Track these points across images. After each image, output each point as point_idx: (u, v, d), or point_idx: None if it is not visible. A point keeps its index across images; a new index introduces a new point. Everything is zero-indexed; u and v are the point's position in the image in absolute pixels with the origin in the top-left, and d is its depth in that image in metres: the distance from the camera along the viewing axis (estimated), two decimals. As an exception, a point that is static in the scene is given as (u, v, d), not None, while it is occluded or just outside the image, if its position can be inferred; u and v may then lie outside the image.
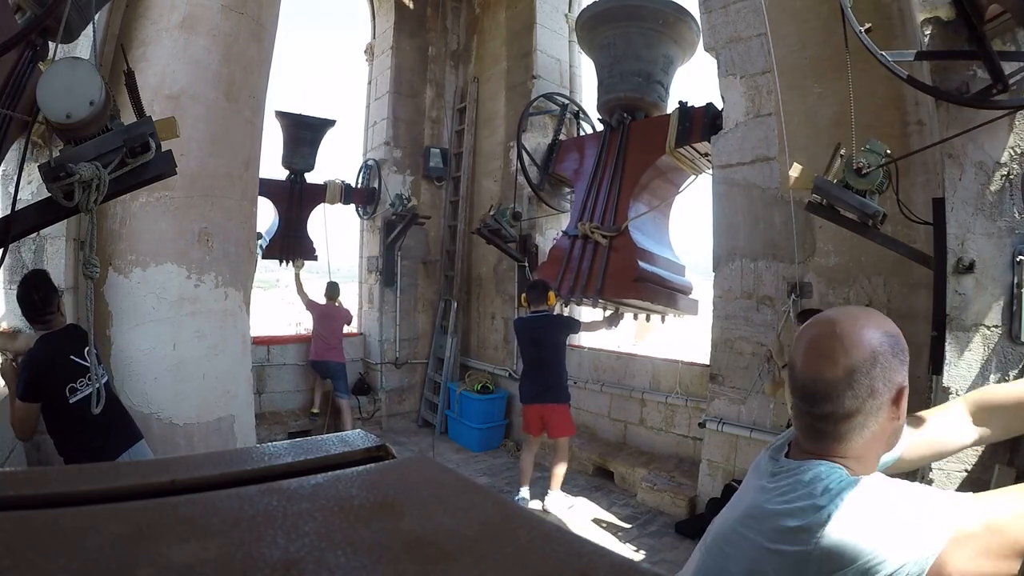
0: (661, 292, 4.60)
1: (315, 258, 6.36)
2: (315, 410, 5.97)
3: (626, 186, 4.88)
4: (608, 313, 4.84)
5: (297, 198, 6.22)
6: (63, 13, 1.54)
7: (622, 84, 4.95)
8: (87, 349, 2.21)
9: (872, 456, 0.83)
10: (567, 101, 6.04)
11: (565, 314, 4.86)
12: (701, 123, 4.41)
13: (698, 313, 4.89)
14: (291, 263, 6.17)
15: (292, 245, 6.20)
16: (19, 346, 2.56)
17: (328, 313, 5.81)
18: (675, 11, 4.73)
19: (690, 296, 4.90)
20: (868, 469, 0.82)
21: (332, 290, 5.95)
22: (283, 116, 6.16)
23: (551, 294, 4.14)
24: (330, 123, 6.28)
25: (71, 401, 2.38)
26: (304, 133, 6.19)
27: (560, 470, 4.18)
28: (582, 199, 5.16)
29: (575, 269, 4.84)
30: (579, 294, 4.72)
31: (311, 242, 6.40)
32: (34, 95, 1.43)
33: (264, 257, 6.08)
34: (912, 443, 1.01)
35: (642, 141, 4.88)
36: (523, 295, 4.26)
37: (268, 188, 5.83)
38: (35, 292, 2.50)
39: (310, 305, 5.85)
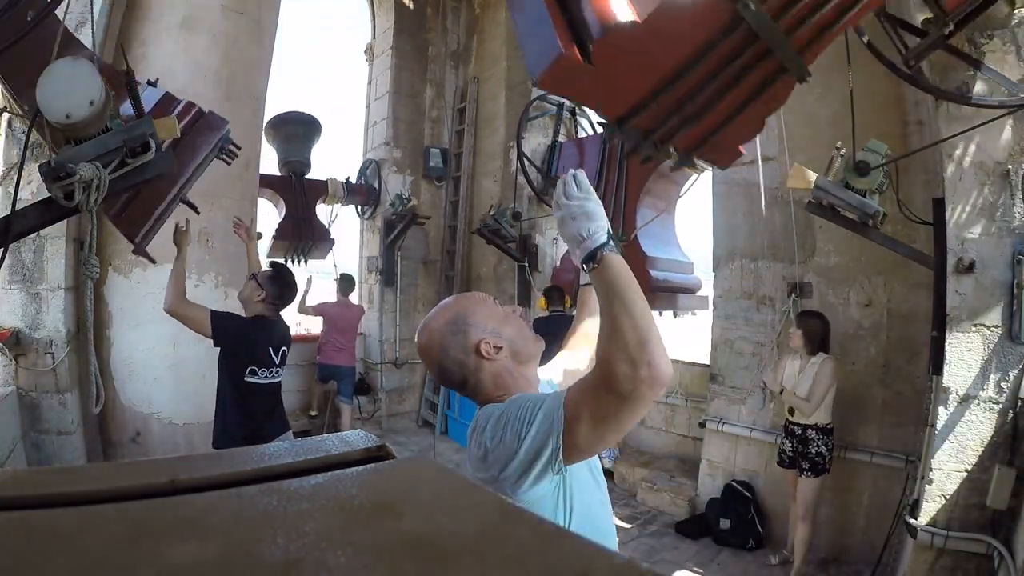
0: (675, 298, 4.65)
1: (332, 241, 6.07)
2: (313, 412, 5.92)
3: (631, 193, 4.87)
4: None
5: (300, 191, 6.01)
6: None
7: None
8: (282, 348, 2.74)
9: (509, 385, 1.08)
10: (563, 100, 6.03)
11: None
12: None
13: (708, 308, 4.92)
14: (296, 260, 5.84)
15: (303, 230, 5.87)
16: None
17: (342, 313, 5.49)
18: None
19: (700, 293, 4.94)
20: (512, 392, 1.06)
21: (346, 285, 5.63)
22: (271, 125, 5.77)
23: (567, 297, 4.36)
24: (318, 125, 6.05)
25: (246, 379, 2.63)
26: (295, 129, 6.01)
27: None
28: None
29: None
30: None
31: (323, 225, 6.10)
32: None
33: (276, 239, 5.74)
34: (566, 362, 1.37)
35: (643, 144, 4.87)
36: (542, 298, 4.66)
37: (269, 181, 5.65)
38: (292, 288, 2.83)
39: (319, 310, 5.52)
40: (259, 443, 2.58)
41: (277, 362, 2.73)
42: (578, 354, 1.39)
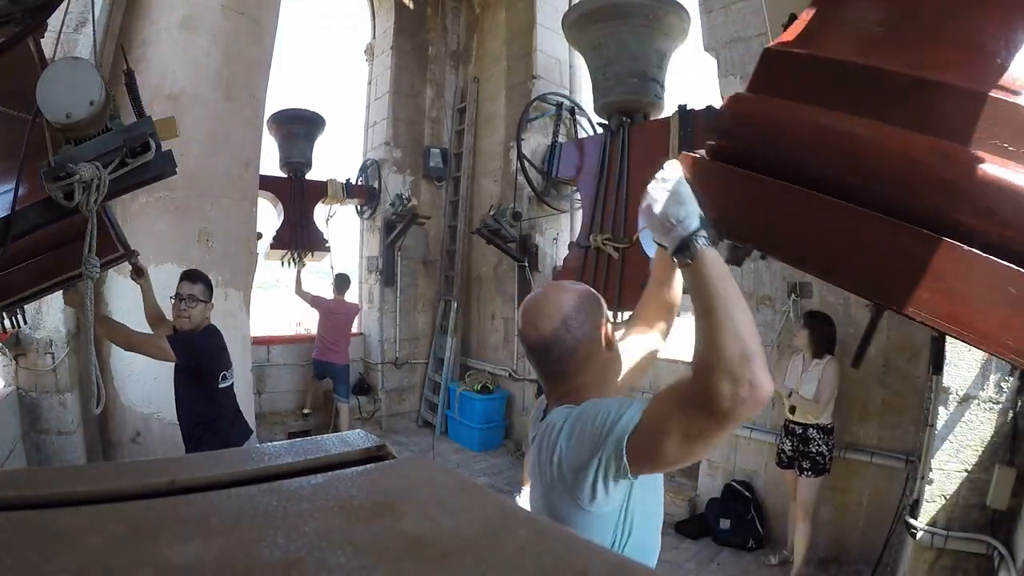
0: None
1: (327, 249, 6.18)
2: (307, 410, 5.93)
3: (633, 194, 4.87)
4: (628, 316, 4.91)
5: (299, 194, 6.12)
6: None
7: (618, 87, 4.92)
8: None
9: (608, 380, 1.06)
10: (562, 100, 6.04)
11: None
12: (703, 128, 4.41)
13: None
14: (293, 263, 6.01)
15: (300, 237, 6.01)
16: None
17: (334, 310, 5.59)
18: (662, 4, 4.67)
19: None
20: (603, 391, 1.04)
21: (341, 284, 5.70)
22: (274, 120, 5.94)
23: None
24: (322, 121, 6.17)
25: (219, 386, 2.68)
26: (298, 128, 6.10)
27: None
28: (590, 209, 5.15)
29: (591, 281, 4.87)
30: None
31: (320, 233, 6.23)
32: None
33: (274, 247, 5.88)
34: (638, 346, 1.31)
35: (644, 147, 4.87)
36: None
37: (269, 183, 5.71)
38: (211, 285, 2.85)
39: (315, 301, 5.64)
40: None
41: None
42: (648, 336, 1.33)
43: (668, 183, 0.91)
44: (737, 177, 0.98)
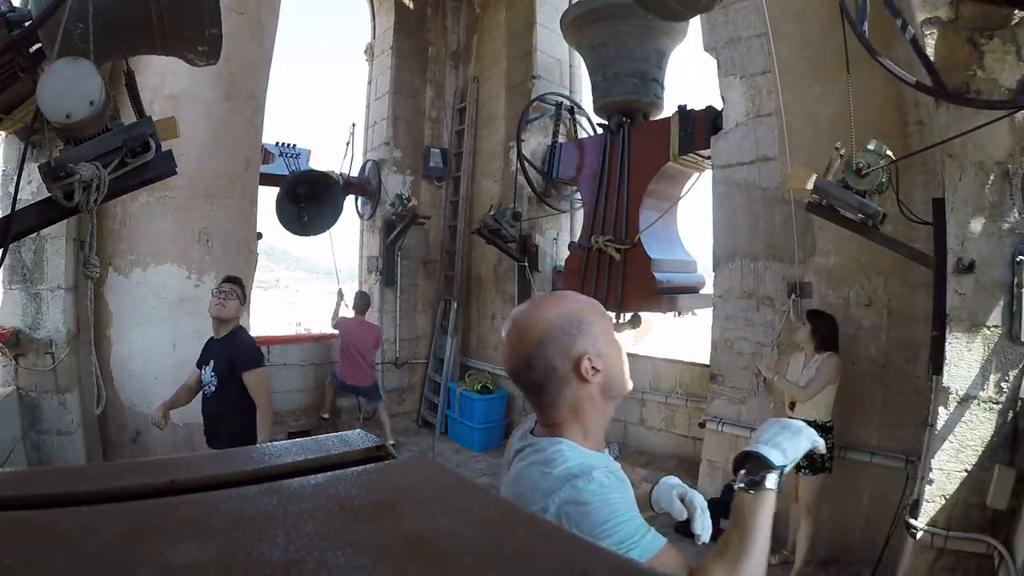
0: (679, 298, 4.72)
1: (340, 187, 5.81)
2: (325, 414, 5.90)
3: (633, 195, 4.88)
4: (630, 317, 4.94)
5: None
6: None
7: (618, 87, 4.92)
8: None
9: (592, 423, 0.96)
10: (562, 100, 6.04)
11: None
12: (703, 128, 4.40)
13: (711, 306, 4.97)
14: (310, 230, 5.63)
15: (309, 194, 5.55)
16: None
17: (354, 332, 5.40)
18: None
19: (703, 291, 4.99)
20: (596, 442, 0.97)
21: (360, 302, 5.57)
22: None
23: None
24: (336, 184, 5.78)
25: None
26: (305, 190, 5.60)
27: None
28: (591, 210, 5.15)
29: (593, 282, 4.88)
30: None
31: (330, 176, 5.77)
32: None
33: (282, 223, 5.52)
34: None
35: (644, 148, 4.87)
36: None
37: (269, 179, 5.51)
38: None
39: (338, 323, 5.54)
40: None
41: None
42: None
43: (796, 430, 0.96)
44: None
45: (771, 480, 0.89)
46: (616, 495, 0.88)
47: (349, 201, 6.57)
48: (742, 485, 0.90)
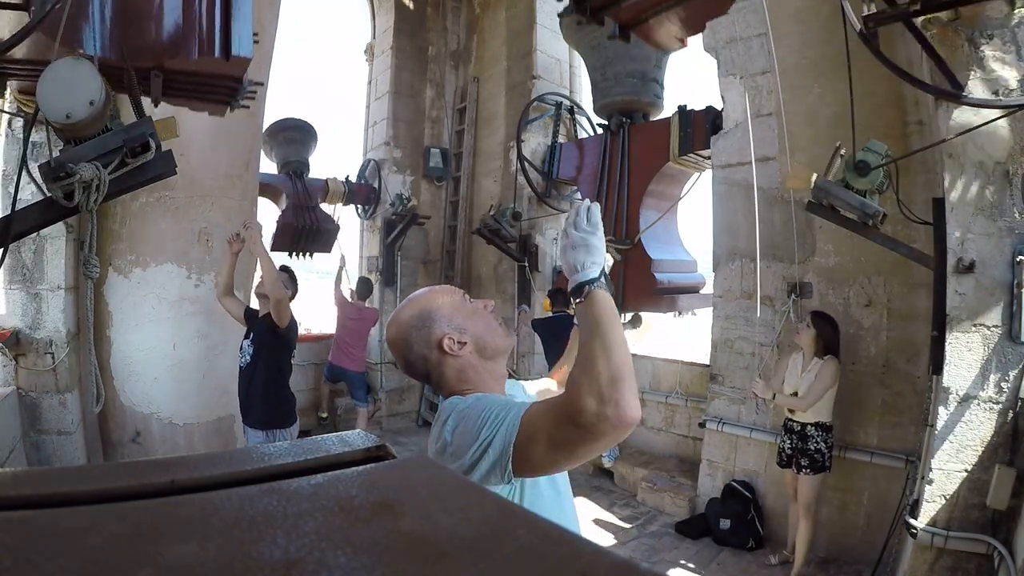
0: (679, 298, 4.73)
1: (337, 228, 6.07)
2: (323, 414, 5.90)
3: (633, 196, 4.88)
4: (630, 316, 4.96)
5: (301, 192, 5.98)
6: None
7: (618, 87, 4.92)
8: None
9: (482, 382, 1.09)
10: (562, 100, 6.03)
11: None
12: (703, 129, 4.41)
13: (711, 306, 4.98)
14: (306, 255, 5.94)
15: (308, 220, 5.80)
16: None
17: (351, 315, 5.44)
18: None
19: (703, 291, 5.00)
20: (477, 387, 1.08)
21: (362, 288, 5.60)
22: (268, 133, 5.66)
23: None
24: (315, 131, 6.06)
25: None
26: (294, 134, 5.99)
27: None
28: None
29: None
30: None
31: (329, 216, 6.04)
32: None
33: (274, 248, 5.66)
34: (545, 386, 1.51)
35: (644, 148, 4.87)
36: (547, 299, 4.75)
37: (270, 180, 5.64)
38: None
39: (339, 300, 5.54)
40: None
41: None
42: (560, 387, 1.41)
43: (585, 234, 0.98)
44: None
45: (594, 286, 0.94)
46: (491, 398, 0.99)
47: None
48: (578, 300, 0.95)
